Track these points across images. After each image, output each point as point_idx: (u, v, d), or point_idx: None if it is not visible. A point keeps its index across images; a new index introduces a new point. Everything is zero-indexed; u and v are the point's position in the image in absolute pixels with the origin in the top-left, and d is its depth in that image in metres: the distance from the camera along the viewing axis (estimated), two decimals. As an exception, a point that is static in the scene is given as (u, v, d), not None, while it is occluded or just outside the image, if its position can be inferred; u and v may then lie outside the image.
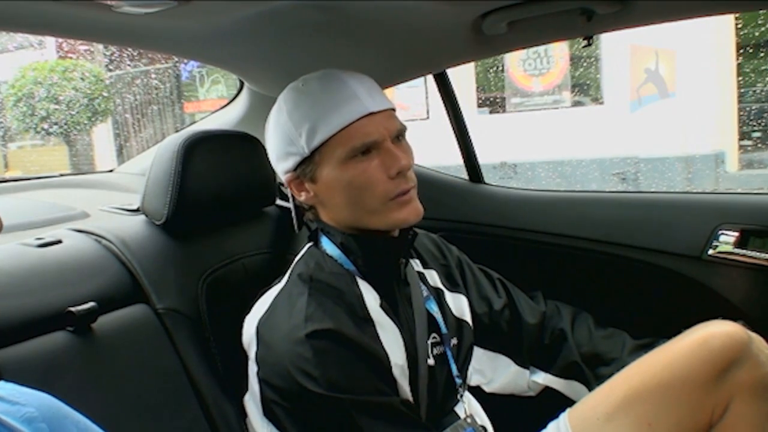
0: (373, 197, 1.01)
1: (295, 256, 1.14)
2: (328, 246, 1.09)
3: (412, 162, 1.05)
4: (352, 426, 0.93)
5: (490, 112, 7.81)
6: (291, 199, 1.15)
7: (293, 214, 1.19)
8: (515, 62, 7.61)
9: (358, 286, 1.05)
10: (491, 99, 7.89)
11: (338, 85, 1.03)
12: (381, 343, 1.01)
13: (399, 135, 1.05)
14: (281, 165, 1.08)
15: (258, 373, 1.00)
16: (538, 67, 7.59)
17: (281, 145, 1.06)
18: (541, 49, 7.19)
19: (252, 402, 1.03)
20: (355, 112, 1.01)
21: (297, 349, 0.95)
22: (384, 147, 1.02)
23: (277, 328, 1.00)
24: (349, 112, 1.00)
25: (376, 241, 1.07)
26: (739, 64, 6.65)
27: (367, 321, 1.02)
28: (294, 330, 0.96)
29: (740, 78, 6.69)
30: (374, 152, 1.01)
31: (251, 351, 1.02)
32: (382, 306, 1.05)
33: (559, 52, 7.41)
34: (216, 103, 8.25)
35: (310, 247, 1.12)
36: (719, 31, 6.41)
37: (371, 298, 1.05)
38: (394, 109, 1.06)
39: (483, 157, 1.80)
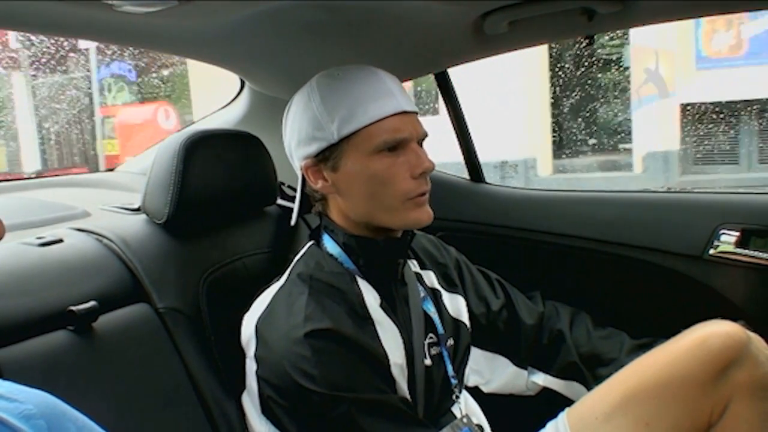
0: (394, 194, 1.02)
1: (296, 255, 1.14)
2: (329, 244, 1.09)
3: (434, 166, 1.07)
4: (352, 424, 0.93)
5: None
6: (300, 189, 1.12)
7: (296, 204, 1.15)
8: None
9: (358, 286, 1.05)
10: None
11: (375, 79, 1.05)
12: (380, 343, 1.01)
13: (422, 139, 1.07)
14: (302, 150, 1.06)
15: (257, 372, 1.00)
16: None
17: (308, 129, 1.04)
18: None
19: (249, 400, 1.03)
20: (390, 108, 1.02)
21: (296, 348, 0.95)
22: (411, 147, 1.04)
23: (276, 327, 1.00)
24: (385, 106, 1.02)
25: (378, 241, 1.07)
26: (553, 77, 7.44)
27: (367, 320, 1.02)
28: (293, 329, 0.97)
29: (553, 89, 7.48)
30: (400, 150, 1.03)
31: (250, 349, 1.02)
32: (382, 305, 1.06)
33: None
34: (122, 109, 9.19)
35: (310, 246, 1.12)
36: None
37: (371, 298, 1.05)
38: (417, 113, 1.08)
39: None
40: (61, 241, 1.13)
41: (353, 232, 1.08)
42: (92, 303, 1.00)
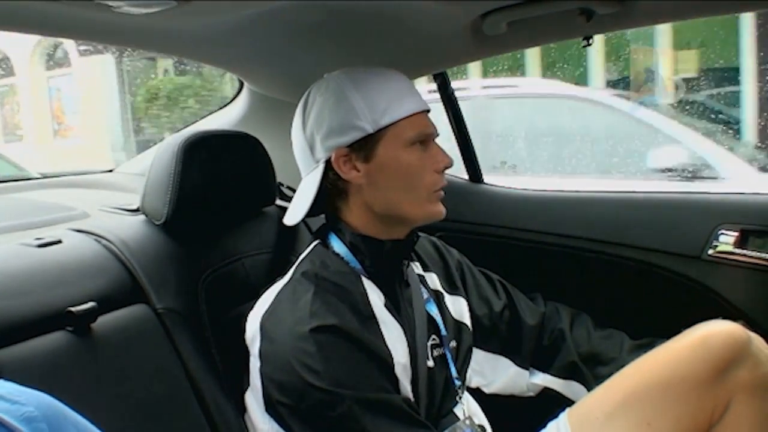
0: (422, 185, 1.06)
1: (296, 256, 1.14)
2: (335, 243, 1.09)
3: None
4: (355, 422, 0.93)
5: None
6: (318, 182, 1.06)
7: (308, 199, 1.07)
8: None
9: (363, 285, 1.06)
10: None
11: (403, 79, 1.12)
12: (384, 342, 1.02)
13: (436, 138, 1.12)
14: (333, 140, 1.05)
15: (261, 369, 1.00)
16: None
17: (345, 117, 1.05)
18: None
19: (253, 398, 1.03)
20: (419, 105, 1.09)
21: (301, 344, 0.95)
22: (433, 143, 1.10)
23: (281, 323, 1.00)
24: (416, 102, 1.08)
25: (384, 242, 1.08)
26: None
27: (371, 319, 1.03)
28: (298, 325, 0.97)
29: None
30: (425, 146, 1.07)
31: (254, 346, 1.02)
32: (386, 305, 1.06)
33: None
34: None
35: (316, 245, 1.12)
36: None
37: (376, 298, 1.06)
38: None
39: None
40: (59, 242, 1.13)
41: (364, 230, 1.08)
42: (91, 304, 1.00)
